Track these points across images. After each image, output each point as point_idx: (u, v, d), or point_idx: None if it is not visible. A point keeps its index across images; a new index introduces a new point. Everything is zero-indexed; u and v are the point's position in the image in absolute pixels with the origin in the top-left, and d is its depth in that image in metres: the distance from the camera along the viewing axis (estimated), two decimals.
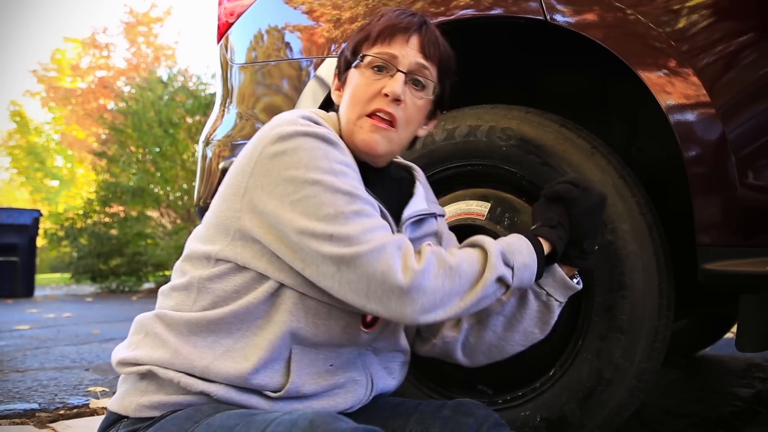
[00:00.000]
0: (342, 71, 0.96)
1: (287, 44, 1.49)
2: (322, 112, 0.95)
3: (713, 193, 1.04)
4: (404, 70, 0.90)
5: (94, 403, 1.79)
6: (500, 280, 0.85)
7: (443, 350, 1.00)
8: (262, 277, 0.85)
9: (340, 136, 0.91)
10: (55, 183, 18.67)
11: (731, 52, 1.04)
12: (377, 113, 0.89)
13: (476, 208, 1.24)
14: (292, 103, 1.39)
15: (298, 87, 1.40)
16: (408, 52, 0.90)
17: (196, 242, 0.90)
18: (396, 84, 0.88)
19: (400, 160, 1.05)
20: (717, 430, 1.53)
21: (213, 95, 7.65)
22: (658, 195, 1.22)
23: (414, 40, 0.91)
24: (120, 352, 0.89)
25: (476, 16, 1.22)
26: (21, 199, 21.34)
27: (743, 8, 1.05)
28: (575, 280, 0.98)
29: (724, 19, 1.06)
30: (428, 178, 1.28)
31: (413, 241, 0.93)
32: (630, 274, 1.11)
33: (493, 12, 1.22)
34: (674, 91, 1.06)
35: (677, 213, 1.20)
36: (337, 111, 0.96)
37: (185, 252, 0.92)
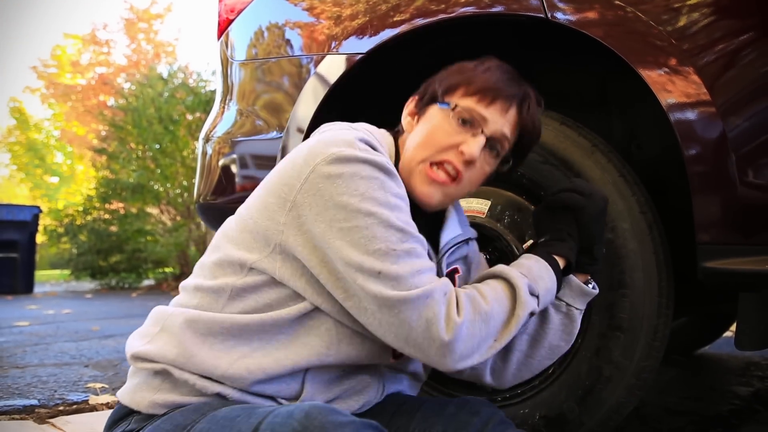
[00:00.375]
0: (424, 101, 0.92)
1: (288, 41, 1.48)
2: (377, 131, 0.93)
3: (713, 192, 1.04)
4: (488, 135, 0.88)
5: (93, 400, 1.79)
6: (530, 313, 0.86)
7: (471, 376, 0.99)
8: (298, 296, 0.83)
9: (395, 162, 0.90)
10: (54, 179, 18.66)
11: (732, 51, 1.04)
12: (445, 164, 0.88)
13: (476, 206, 1.24)
14: (292, 101, 1.39)
15: (299, 84, 1.40)
16: (499, 120, 0.88)
17: (229, 245, 0.87)
18: (476, 146, 0.87)
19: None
20: (715, 428, 1.53)
21: (213, 92, 7.64)
22: (658, 193, 1.22)
23: (512, 112, 0.90)
24: (134, 343, 0.88)
25: (477, 13, 1.22)
26: (21, 195, 21.33)
27: (744, 7, 1.05)
28: (590, 285, 0.98)
29: (724, 18, 1.05)
30: None
31: (447, 266, 0.94)
32: (630, 272, 1.11)
33: (494, 9, 1.22)
34: (675, 89, 1.05)
35: (677, 211, 1.20)
36: (394, 132, 0.95)
37: (217, 254, 0.88)
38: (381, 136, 0.91)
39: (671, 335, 1.21)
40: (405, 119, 0.95)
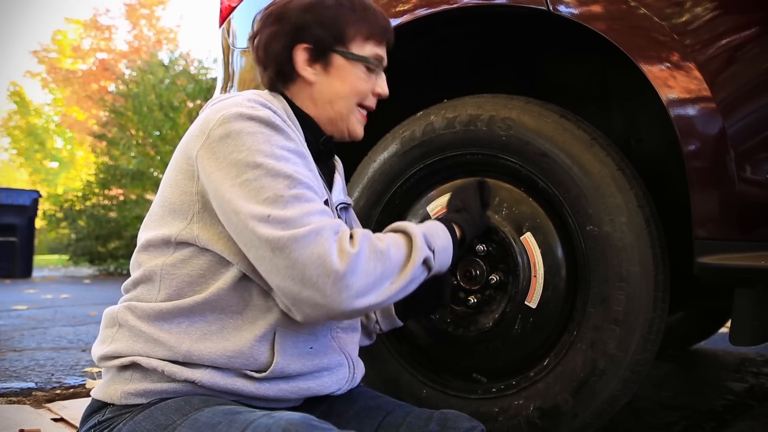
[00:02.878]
0: (319, 50, 0.96)
1: None
2: (264, 92, 0.97)
3: (711, 187, 1.04)
4: (385, 66, 1.02)
5: (90, 384, 1.80)
6: (425, 262, 0.88)
7: (387, 325, 1.11)
8: (226, 262, 0.85)
9: (301, 114, 0.96)
10: (54, 165, 18.63)
11: (733, 47, 1.04)
12: (367, 106, 1.00)
13: None
14: None
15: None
16: (384, 53, 1.01)
17: (149, 231, 0.89)
18: (385, 83, 1.01)
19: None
20: (709, 423, 1.54)
21: (214, 80, 7.62)
22: (657, 188, 1.23)
23: (390, 40, 1.02)
24: (98, 348, 0.89)
25: (479, 4, 1.22)
26: (20, 179, 21.31)
27: (747, 3, 1.05)
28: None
29: (727, 14, 1.05)
30: (427, 166, 1.29)
31: None
32: (626, 265, 1.11)
33: (496, 1, 1.22)
34: (675, 84, 1.05)
35: (675, 206, 1.20)
36: (275, 88, 0.99)
37: (139, 244, 0.90)
38: (268, 95, 0.96)
39: (667, 330, 1.22)
40: (303, 69, 0.97)
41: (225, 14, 1.60)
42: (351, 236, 0.82)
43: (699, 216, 1.04)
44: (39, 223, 8.10)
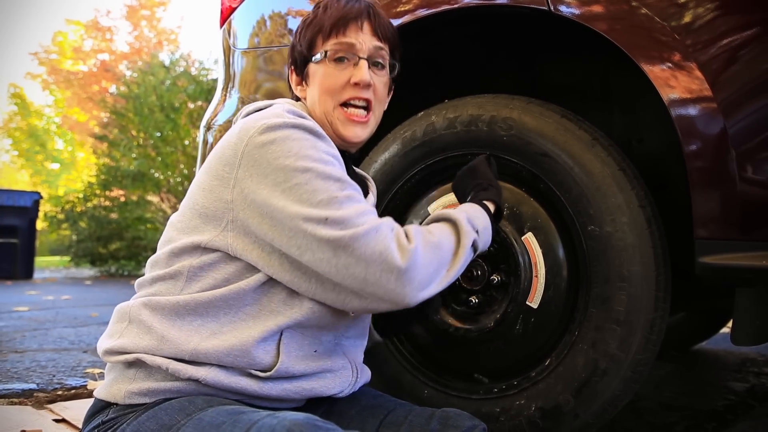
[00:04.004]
0: (300, 67, 1.00)
1: (290, 30, 1.48)
2: (298, 104, 0.99)
3: (712, 188, 1.04)
4: (365, 57, 0.95)
5: (91, 385, 1.81)
6: (473, 244, 0.92)
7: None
8: (253, 268, 0.85)
9: None
10: (55, 166, 18.65)
11: (734, 47, 1.04)
12: (351, 102, 0.95)
13: None
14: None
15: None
16: (364, 38, 0.96)
17: (179, 234, 0.89)
18: (363, 71, 0.94)
19: (358, 170, 1.11)
20: (710, 422, 1.54)
21: (215, 81, 7.63)
22: (658, 188, 1.23)
23: (366, 26, 0.97)
24: (105, 342, 0.89)
25: (481, 4, 1.22)
26: (21, 181, 21.33)
27: (748, 4, 1.05)
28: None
29: (728, 14, 1.05)
30: (428, 166, 1.29)
31: None
32: (628, 265, 1.11)
33: (498, 1, 1.22)
34: (677, 84, 1.05)
35: (676, 206, 1.20)
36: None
37: (169, 245, 0.90)
38: (302, 107, 0.98)
39: (668, 330, 1.22)
40: (297, 91, 1.01)
41: (226, 15, 1.60)
42: (406, 231, 0.85)
43: (700, 216, 1.04)
44: (40, 224, 8.11)
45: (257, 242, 0.84)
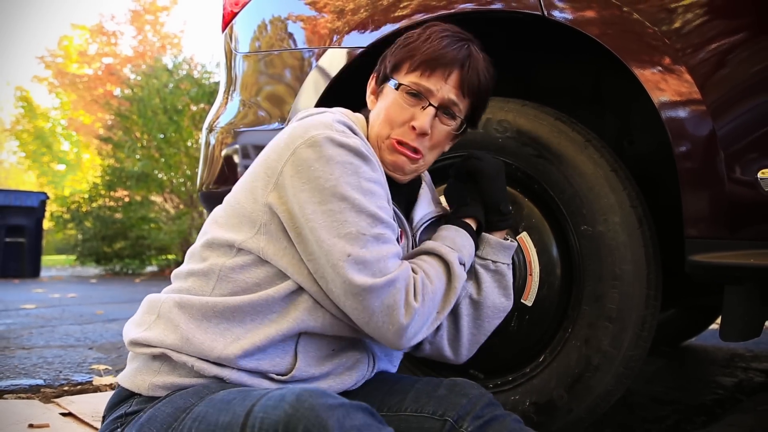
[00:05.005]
0: (380, 79, 0.98)
1: (290, 34, 1.51)
2: (352, 114, 0.97)
3: (702, 188, 1.06)
4: (436, 105, 0.93)
5: (97, 381, 1.84)
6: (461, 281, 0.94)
7: (433, 350, 1.03)
8: (284, 275, 0.87)
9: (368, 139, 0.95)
10: (61, 167, 18.73)
11: (723, 51, 1.06)
12: (404, 145, 0.93)
13: None
14: (294, 93, 1.42)
15: (300, 77, 1.43)
16: (444, 88, 0.93)
17: (217, 229, 0.91)
18: (425, 119, 0.92)
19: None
20: (700, 416, 1.56)
21: (217, 84, 7.65)
22: (649, 188, 1.25)
23: (454, 77, 0.93)
24: (131, 330, 0.91)
25: (476, 9, 1.25)
26: (28, 182, 21.45)
27: (736, 8, 1.07)
28: (508, 240, 1.05)
29: (716, 19, 1.08)
30: None
31: (419, 241, 1.01)
32: (619, 264, 1.14)
33: (493, 6, 1.24)
34: (667, 87, 1.08)
35: (666, 206, 1.23)
36: (366, 113, 1.00)
37: (205, 237, 0.92)
38: (356, 119, 0.97)
39: (659, 327, 1.24)
40: (368, 98, 1.00)
41: (228, 20, 1.63)
42: (414, 285, 0.87)
43: (690, 216, 1.07)
44: (46, 224, 8.16)
45: (288, 249, 0.86)
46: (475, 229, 1.02)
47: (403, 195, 1.00)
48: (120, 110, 8.38)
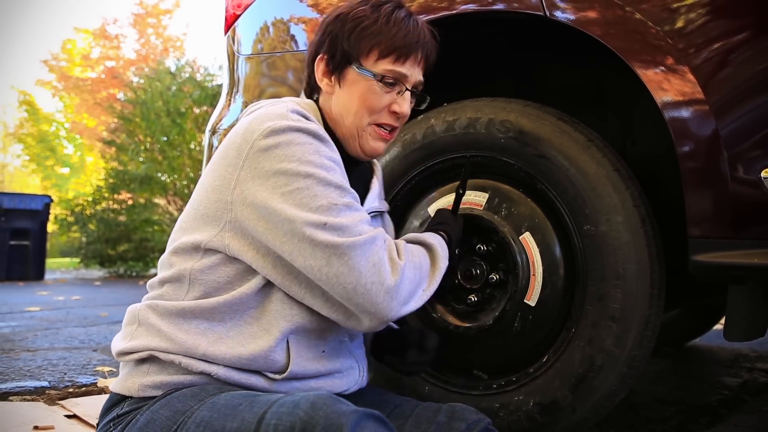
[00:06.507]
0: (337, 62, 0.96)
1: (292, 36, 1.52)
2: (304, 102, 0.98)
3: (705, 188, 1.06)
4: (410, 88, 0.96)
5: (101, 383, 1.84)
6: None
7: None
8: (254, 270, 0.87)
9: (326, 126, 0.96)
10: (65, 170, 18.81)
11: (726, 51, 1.06)
12: (383, 126, 0.96)
13: (475, 198, 1.27)
14: (296, 94, 1.42)
15: (302, 78, 1.43)
16: (415, 71, 0.96)
17: (182, 234, 0.91)
18: (406, 104, 0.97)
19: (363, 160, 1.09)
20: (704, 417, 1.55)
21: (220, 86, 7.68)
22: (652, 188, 1.25)
23: (422, 59, 0.97)
24: (118, 344, 0.91)
25: (478, 11, 1.25)
26: (32, 185, 21.52)
27: (738, 7, 1.07)
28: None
29: (719, 18, 1.08)
30: (428, 168, 1.32)
31: None
32: (623, 264, 1.13)
33: (495, 7, 1.25)
34: (670, 87, 1.08)
35: (669, 205, 1.23)
36: (312, 95, 1.00)
37: (172, 245, 0.92)
38: (307, 106, 0.97)
39: (662, 327, 1.24)
40: (321, 80, 0.98)
41: (230, 22, 1.64)
42: (396, 245, 0.88)
43: (693, 215, 1.07)
44: (51, 227, 8.19)
45: (253, 243, 0.86)
46: (447, 239, 1.03)
47: (360, 184, 1.00)
48: (123, 113, 8.41)
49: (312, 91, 1.01)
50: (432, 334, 1.04)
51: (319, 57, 0.97)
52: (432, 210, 1.31)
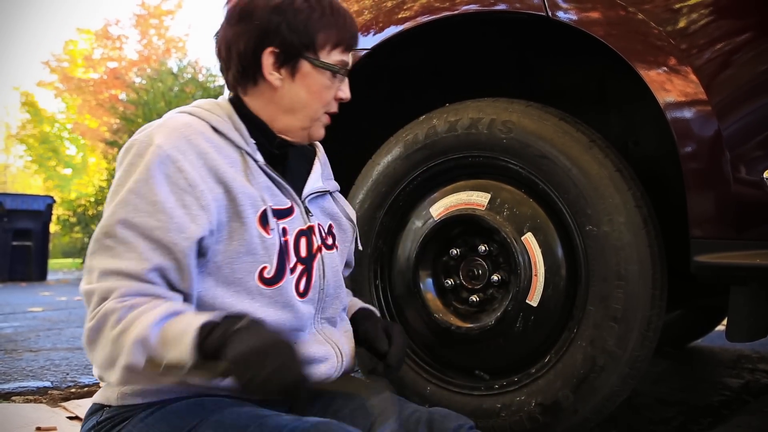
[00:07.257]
0: (289, 55, 0.92)
1: None
2: (208, 103, 0.94)
3: (707, 188, 1.06)
4: (348, 71, 0.98)
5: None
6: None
7: None
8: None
9: (252, 119, 0.93)
10: (67, 171, 18.86)
11: (728, 51, 1.06)
12: (328, 114, 0.97)
13: (477, 199, 1.27)
14: None
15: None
16: (350, 59, 0.98)
17: None
18: (347, 89, 0.97)
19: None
20: (706, 418, 1.55)
21: (222, 87, 7.70)
22: (654, 188, 1.25)
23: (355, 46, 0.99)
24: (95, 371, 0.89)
25: (480, 11, 1.25)
26: (35, 186, 21.59)
27: (741, 8, 1.07)
28: None
29: (722, 19, 1.08)
30: (430, 168, 1.32)
31: (318, 218, 0.98)
32: (625, 264, 1.13)
33: (497, 7, 1.25)
34: (672, 88, 1.08)
35: (671, 206, 1.23)
36: (237, 89, 0.95)
37: None
38: (203, 112, 0.92)
39: (664, 328, 1.24)
40: (270, 74, 0.92)
41: None
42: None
43: (695, 216, 1.07)
44: (53, 227, 8.21)
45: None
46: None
47: (302, 165, 0.99)
48: (125, 114, 8.44)
49: (237, 83, 0.95)
50: (382, 340, 0.99)
51: (266, 50, 0.92)
52: (434, 211, 1.31)
